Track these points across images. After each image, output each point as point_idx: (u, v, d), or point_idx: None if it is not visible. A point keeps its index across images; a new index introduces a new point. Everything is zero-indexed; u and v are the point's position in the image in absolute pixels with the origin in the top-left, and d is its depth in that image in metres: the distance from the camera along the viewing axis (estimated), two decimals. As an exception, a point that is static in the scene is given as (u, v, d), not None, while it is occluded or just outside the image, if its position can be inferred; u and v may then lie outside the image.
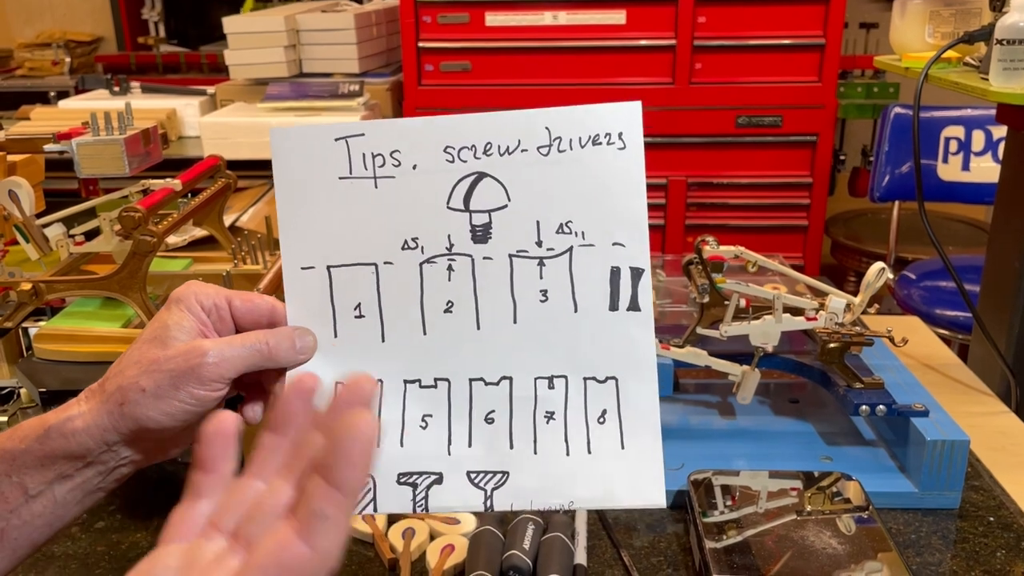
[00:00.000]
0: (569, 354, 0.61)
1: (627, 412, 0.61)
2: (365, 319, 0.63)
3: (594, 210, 0.61)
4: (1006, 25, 0.98)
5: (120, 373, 0.57)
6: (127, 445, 0.57)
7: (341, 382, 0.61)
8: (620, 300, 0.61)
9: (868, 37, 3.32)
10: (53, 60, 3.53)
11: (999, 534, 0.79)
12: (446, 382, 0.62)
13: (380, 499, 0.61)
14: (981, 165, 2.13)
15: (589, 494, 0.60)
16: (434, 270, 0.62)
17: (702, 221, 2.57)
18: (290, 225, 0.63)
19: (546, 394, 0.61)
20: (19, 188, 0.97)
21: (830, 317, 0.86)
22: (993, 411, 1.04)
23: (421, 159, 0.62)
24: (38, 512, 0.57)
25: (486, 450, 0.61)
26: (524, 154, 0.61)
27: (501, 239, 0.62)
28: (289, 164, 0.63)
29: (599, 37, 2.47)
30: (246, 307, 0.61)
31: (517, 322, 0.62)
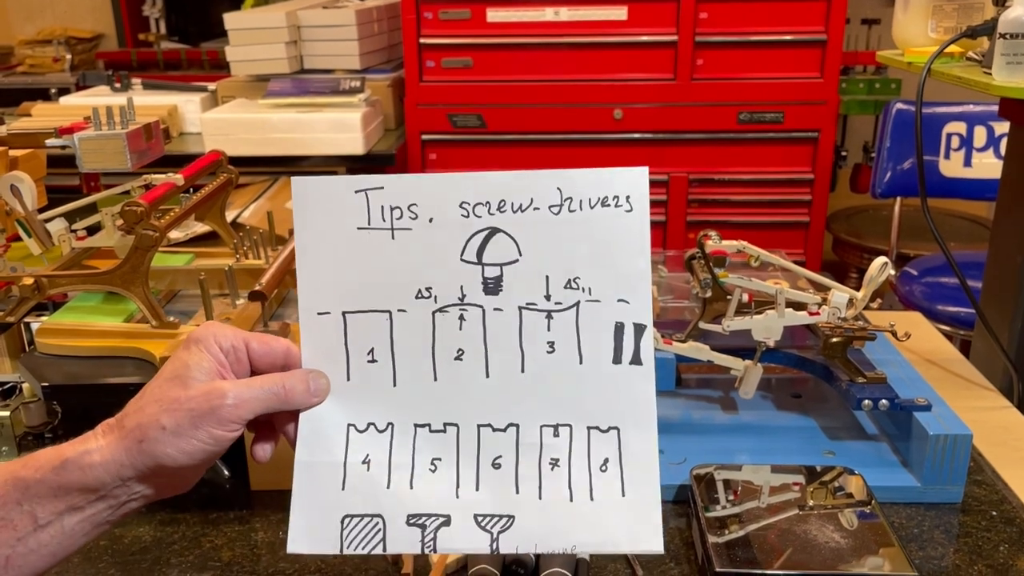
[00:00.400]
0: (574, 404, 0.64)
1: (628, 461, 0.63)
2: (378, 363, 0.65)
3: (600, 268, 0.64)
4: (1009, 19, 0.97)
5: (140, 410, 0.59)
6: (140, 481, 0.59)
7: (354, 425, 0.65)
8: (623, 354, 0.64)
9: (870, 33, 3.31)
10: (54, 57, 3.53)
11: (1001, 528, 0.79)
12: (455, 427, 0.65)
13: (390, 539, 0.63)
14: (983, 161, 2.13)
15: (591, 539, 0.62)
16: (446, 319, 0.65)
17: (703, 217, 2.57)
18: (308, 272, 0.65)
19: (551, 442, 0.64)
20: (21, 183, 0.97)
21: (833, 312, 0.86)
22: (995, 406, 1.04)
23: (437, 213, 0.65)
24: (45, 542, 0.58)
25: (493, 494, 0.63)
26: (536, 212, 0.64)
27: (511, 292, 0.65)
28: (310, 213, 0.65)
29: (600, 33, 2.47)
30: (263, 349, 0.63)
31: (525, 371, 0.64)
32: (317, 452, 0.64)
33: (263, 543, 0.78)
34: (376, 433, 0.65)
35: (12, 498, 0.57)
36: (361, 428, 0.65)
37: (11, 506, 0.57)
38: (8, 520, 0.57)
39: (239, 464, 0.86)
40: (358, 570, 0.75)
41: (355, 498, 0.64)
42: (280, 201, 2.00)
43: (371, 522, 0.63)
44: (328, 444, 0.64)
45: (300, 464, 0.64)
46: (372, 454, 0.64)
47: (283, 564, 0.75)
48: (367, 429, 0.65)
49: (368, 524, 0.63)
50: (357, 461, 0.64)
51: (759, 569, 0.68)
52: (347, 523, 0.63)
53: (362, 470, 0.64)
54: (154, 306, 0.93)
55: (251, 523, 0.81)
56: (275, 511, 0.82)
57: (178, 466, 0.59)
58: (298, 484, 0.64)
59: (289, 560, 0.76)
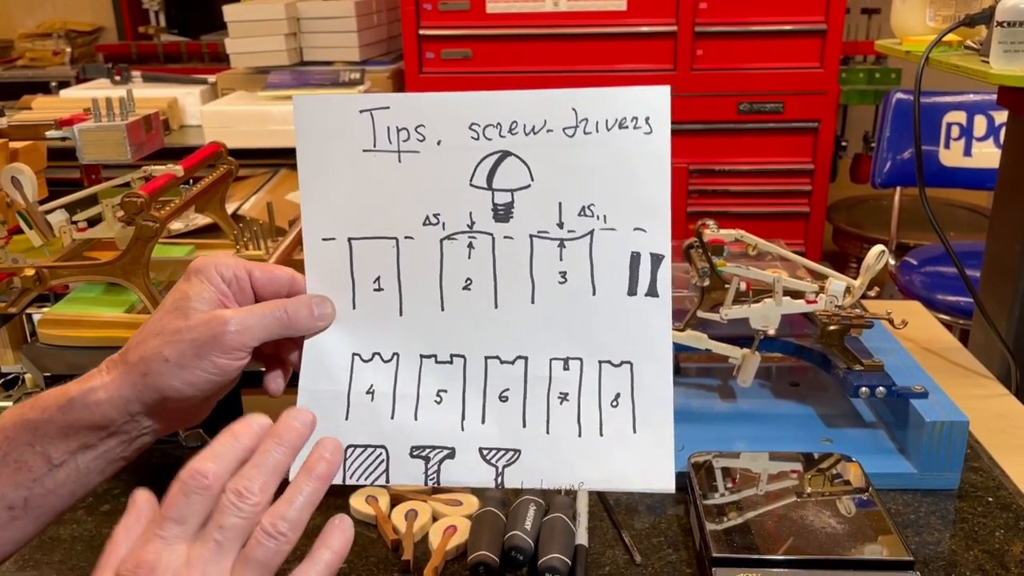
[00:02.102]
0: (585, 337, 0.62)
1: (641, 397, 0.61)
2: (384, 292, 0.63)
3: (617, 194, 0.61)
4: (1007, 7, 0.97)
5: (142, 343, 0.58)
6: (149, 415, 0.58)
7: (359, 354, 0.63)
8: (639, 285, 0.61)
9: (870, 23, 3.30)
10: (54, 50, 3.52)
11: (998, 514, 0.79)
12: (462, 359, 0.63)
13: (393, 470, 0.61)
14: (983, 150, 2.13)
15: (599, 476, 0.60)
16: (454, 247, 0.62)
17: (704, 208, 2.57)
18: (312, 196, 0.63)
19: (561, 375, 0.62)
20: (21, 175, 0.98)
21: (830, 300, 0.86)
22: (993, 394, 1.05)
23: (446, 135, 0.62)
24: (61, 481, 0.58)
25: (499, 428, 0.61)
26: (549, 135, 0.61)
27: (522, 219, 0.62)
28: (312, 134, 0.63)
29: (600, 24, 2.46)
30: (266, 277, 0.62)
31: (535, 302, 0.62)
32: (321, 381, 0.63)
33: (264, 531, 0.79)
34: (381, 363, 0.63)
35: (23, 440, 0.57)
36: (366, 358, 0.63)
37: (23, 448, 0.57)
38: (23, 462, 0.57)
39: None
40: (359, 556, 0.75)
41: (359, 428, 0.62)
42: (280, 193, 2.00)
43: (374, 453, 0.62)
44: (332, 373, 0.63)
45: (303, 392, 0.63)
46: (376, 384, 0.63)
47: (284, 552, 0.76)
48: (372, 359, 0.63)
49: (371, 455, 0.62)
50: (361, 391, 0.63)
51: (757, 555, 0.69)
52: (350, 453, 0.62)
53: (366, 400, 0.62)
54: (155, 297, 0.93)
55: (252, 511, 0.81)
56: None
57: (183, 397, 0.58)
58: None
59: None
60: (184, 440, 0.91)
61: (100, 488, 0.85)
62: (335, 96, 0.63)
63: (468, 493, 0.81)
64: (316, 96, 0.63)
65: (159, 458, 0.91)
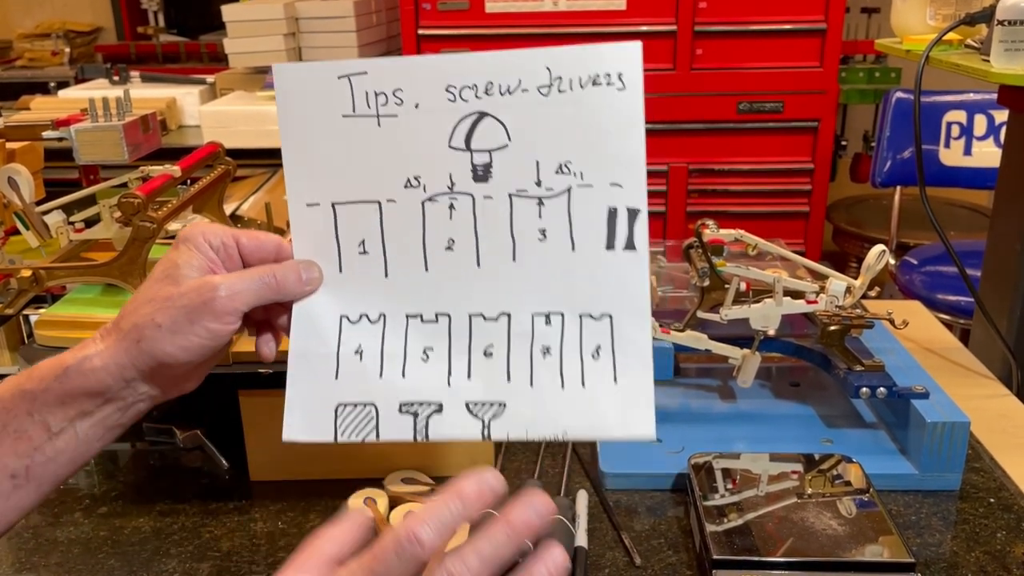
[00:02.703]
0: (566, 292, 0.63)
1: (620, 348, 0.62)
2: (369, 255, 0.64)
3: (593, 150, 0.62)
4: (1007, 6, 0.97)
5: (135, 311, 0.59)
6: (144, 381, 0.60)
7: (347, 316, 0.64)
8: (616, 240, 0.62)
9: (870, 22, 3.30)
10: (53, 50, 3.52)
11: (999, 515, 0.79)
12: (447, 317, 0.64)
13: (383, 427, 0.63)
14: (983, 150, 2.12)
15: (582, 425, 0.61)
16: (436, 208, 0.64)
17: (703, 208, 2.57)
18: (295, 162, 0.64)
19: (543, 330, 0.63)
20: (18, 175, 0.97)
21: (830, 300, 0.86)
22: (994, 394, 1.04)
23: (423, 98, 0.63)
24: (61, 448, 0.59)
25: (484, 382, 0.63)
26: (525, 94, 0.62)
27: (501, 178, 0.63)
28: (293, 101, 0.64)
29: (599, 23, 2.46)
30: (253, 244, 0.63)
31: (516, 260, 0.63)
32: (310, 343, 0.64)
33: (262, 533, 0.78)
34: (368, 324, 0.65)
35: (22, 410, 0.58)
36: (353, 319, 0.65)
37: (22, 417, 0.58)
38: (22, 431, 0.58)
39: (238, 455, 0.86)
40: (357, 559, 0.75)
41: (348, 387, 0.64)
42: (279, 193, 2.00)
43: (364, 410, 0.63)
44: (321, 335, 0.64)
45: (294, 355, 0.64)
46: (364, 344, 0.64)
47: (282, 554, 0.76)
48: (359, 320, 0.65)
49: (361, 412, 0.63)
50: (350, 351, 0.64)
51: (757, 557, 0.69)
52: (341, 412, 0.63)
53: (355, 360, 0.64)
54: (152, 298, 0.92)
55: (250, 513, 0.81)
56: (275, 501, 0.83)
57: (178, 363, 0.59)
58: (292, 375, 0.64)
59: (288, 550, 0.76)
60: (182, 443, 0.90)
61: (98, 491, 0.85)
62: (314, 63, 0.64)
63: (467, 495, 0.81)
64: (296, 64, 0.64)
65: (158, 460, 0.90)
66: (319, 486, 0.84)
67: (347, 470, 0.84)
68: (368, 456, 0.84)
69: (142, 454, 0.92)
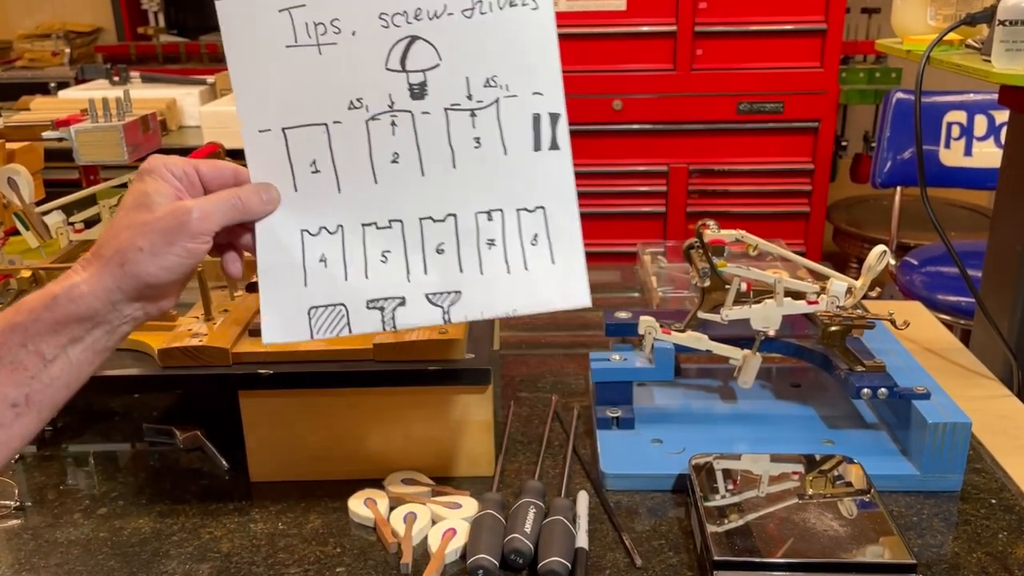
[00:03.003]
0: (503, 191, 0.70)
1: (555, 234, 0.70)
2: (321, 173, 0.71)
3: (514, 64, 0.69)
4: (1008, 6, 0.97)
5: (114, 238, 0.64)
6: (129, 302, 0.64)
7: (307, 230, 0.71)
8: (542, 141, 0.70)
9: (870, 22, 3.30)
10: (53, 51, 3.52)
11: (1001, 516, 0.79)
12: (399, 222, 0.71)
13: (353, 322, 0.70)
14: (983, 150, 2.12)
15: (529, 302, 0.70)
16: (379, 126, 0.70)
17: (703, 208, 2.57)
18: (245, 93, 0.70)
19: (486, 225, 0.71)
20: (18, 176, 0.97)
21: (831, 300, 0.86)
22: (995, 395, 1.04)
23: (359, 26, 0.69)
24: (56, 375, 0.63)
25: (440, 275, 0.71)
26: (450, 17, 0.69)
27: (436, 95, 0.70)
28: (238, 34, 0.69)
29: (600, 23, 2.46)
30: (212, 171, 0.68)
31: (456, 167, 0.70)
32: (277, 256, 0.70)
33: (262, 534, 0.78)
34: (328, 235, 0.71)
35: (15, 342, 0.62)
36: (314, 232, 0.71)
37: (16, 349, 0.62)
38: (18, 363, 0.62)
39: (238, 456, 0.86)
40: (358, 560, 0.75)
41: (317, 292, 0.70)
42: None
43: (335, 311, 0.70)
44: (285, 249, 0.70)
45: (262, 269, 0.70)
46: (327, 253, 0.71)
47: (282, 555, 0.75)
48: (319, 233, 0.71)
49: (333, 312, 0.70)
50: (315, 260, 0.71)
51: (758, 558, 0.68)
52: (313, 314, 0.70)
53: (320, 268, 0.71)
54: (152, 298, 0.92)
55: (250, 514, 0.81)
56: (274, 502, 0.82)
57: (161, 282, 0.64)
58: (264, 286, 0.70)
59: (288, 551, 0.76)
60: (182, 444, 0.90)
61: (98, 492, 0.85)
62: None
63: (467, 496, 0.81)
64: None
65: (158, 461, 0.90)
66: (319, 487, 0.84)
67: (347, 471, 0.84)
68: (368, 457, 0.84)
69: (142, 455, 0.91)
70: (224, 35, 0.69)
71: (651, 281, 1.24)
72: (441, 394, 0.83)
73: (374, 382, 0.82)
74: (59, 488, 0.86)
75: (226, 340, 0.83)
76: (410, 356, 0.82)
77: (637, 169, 2.58)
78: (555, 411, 0.97)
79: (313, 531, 0.79)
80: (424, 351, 0.82)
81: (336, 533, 0.78)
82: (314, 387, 0.82)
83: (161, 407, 0.99)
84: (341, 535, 0.78)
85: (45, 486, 0.86)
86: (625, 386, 0.91)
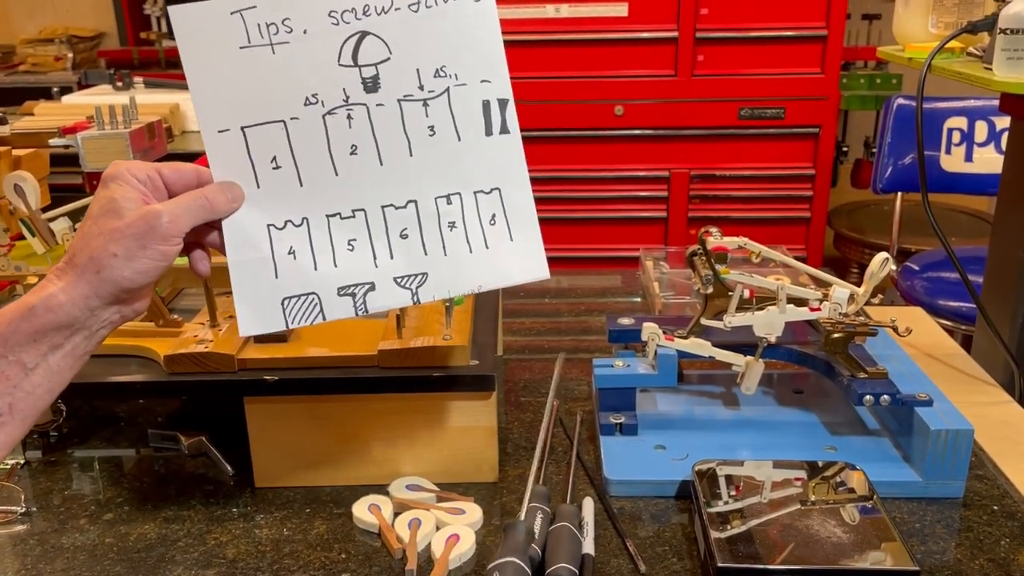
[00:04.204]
0: (459, 175, 0.74)
1: (511, 213, 0.74)
2: (282, 169, 0.73)
3: (462, 54, 0.73)
4: (1010, 14, 0.98)
5: (86, 246, 0.65)
6: (107, 307, 0.66)
7: (273, 224, 0.73)
8: (493, 126, 0.73)
9: (871, 28, 3.31)
10: (56, 55, 3.53)
11: (1003, 523, 0.79)
12: (362, 211, 0.73)
13: (327, 309, 0.73)
14: (984, 156, 2.13)
15: (491, 278, 0.74)
16: (336, 120, 0.72)
17: (705, 213, 2.57)
18: (202, 95, 0.72)
19: (446, 209, 0.74)
20: (24, 182, 0.98)
21: (834, 307, 0.86)
22: (997, 401, 1.05)
23: (310, 24, 0.71)
24: (38, 383, 0.65)
25: (406, 259, 0.74)
26: (398, 12, 0.72)
27: (389, 87, 0.72)
28: (192, 40, 0.71)
29: (601, 29, 2.47)
30: (175, 175, 0.70)
31: (413, 155, 0.73)
32: (246, 251, 0.72)
33: (267, 540, 0.79)
34: (294, 228, 0.73)
35: None
36: (279, 226, 0.73)
37: None
38: (1, 373, 0.63)
39: (243, 461, 0.86)
40: (363, 565, 0.75)
41: (289, 282, 0.73)
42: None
43: (308, 299, 0.73)
44: (254, 244, 0.72)
45: (233, 264, 0.72)
46: (295, 245, 0.73)
47: (287, 561, 0.76)
48: (285, 226, 0.73)
49: (306, 301, 0.73)
50: (284, 253, 0.73)
51: (761, 564, 0.69)
52: (287, 304, 0.73)
53: (289, 260, 0.73)
54: (158, 305, 0.93)
55: (255, 520, 0.81)
56: (279, 508, 0.83)
57: (136, 286, 0.66)
58: (236, 281, 0.73)
59: (293, 556, 0.76)
60: (187, 450, 0.90)
61: (103, 498, 0.85)
62: (207, 3, 0.71)
63: (472, 502, 0.81)
64: (190, 4, 0.71)
65: (163, 467, 0.91)
66: (324, 493, 0.84)
67: (352, 477, 0.85)
68: (373, 463, 0.85)
69: (147, 461, 0.92)
70: (178, 39, 0.71)
71: (653, 287, 1.25)
72: (445, 400, 0.83)
73: (379, 388, 0.82)
74: (64, 494, 0.86)
75: (232, 346, 0.84)
76: (414, 363, 0.83)
77: (638, 174, 2.58)
78: (558, 417, 0.97)
79: (318, 537, 0.79)
80: (428, 357, 0.83)
81: (341, 539, 0.79)
82: (319, 393, 0.82)
83: (166, 413, 0.99)
84: (346, 541, 0.78)
85: (50, 491, 0.87)
86: (628, 392, 0.92)
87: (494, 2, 0.73)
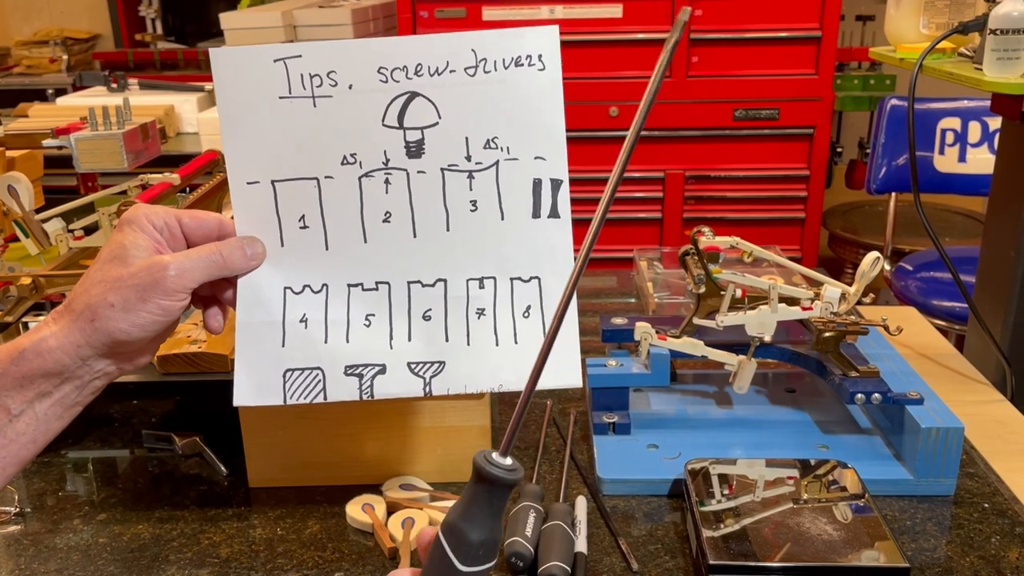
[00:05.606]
0: (497, 258, 0.68)
1: (549, 307, 0.68)
2: (309, 229, 0.68)
3: (517, 126, 0.67)
4: (999, 15, 0.98)
5: (85, 292, 0.62)
6: (100, 358, 0.62)
7: (290, 287, 0.68)
8: (542, 208, 0.68)
9: (864, 29, 3.32)
10: (51, 57, 3.52)
11: (993, 520, 0.80)
12: (387, 285, 0.68)
13: (330, 388, 0.68)
14: (977, 156, 2.14)
15: (516, 377, 0.67)
16: (372, 183, 0.68)
17: (700, 214, 2.58)
18: (235, 143, 0.68)
19: (477, 293, 0.68)
20: (18, 183, 0.98)
21: (826, 306, 0.87)
22: (989, 400, 1.05)
23: (356, 79, 0.67)
24: (22, 431, 0.61)
25: (424, 343, 0.68)
26: (452, 74, 0.67)
27: (433, 154, 0.67)
28: (231, 85, 0.67)
29: (596, 31, 2.47)
30: (195, 223, 0.66)
31: (450, 230, 0.68)
32: (256, 313, 0.68)
33: (261, 540, 0.79)
34: (312, 294, 0.68)
35: None
36: (297, 290, 0.68)
37: None
38: None
39: (237, 462, 0.86)
40: (356, 564, 0.75)
41: (295, 353, 0.68)
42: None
43: (311, 374, 0.68)
44: (266, 306, 0.68)
45: (241, 325, 0.68)
46: (309, 313, 0.68)
47: (281, 560, 0.76)
48: (303, 291, 0.68)
49: (308, 376, 0.68)
50: (295, 320, 0.68)
51: (753, 562, 0.69)
52: (289, 376, 0.68)
53: (300, 328, 0.68)
54: (151, 305, 0.93)
55: (249, 520, 0.81)
56: (273, 508, 0.83)
57: (132, 340, 0.61)
58: (240, 344, 0.67)
59: (287, 556, 0.76)
60: (181, 450, 0.91)
61: (97, 497, 0.85)
62: (251, 47, 0.67)
63: (465, 501, 0.81)
64: (233, 48, 0.67)
65: (157, 467, 0.91)
66: (317, 492, 0.85)
67: (345, 476, 0.85)
68: (366, 462, 0.85)
69: (141, 461, 0.92)
70: (216, 83, 0.67)
71: (647, 287, 1.25)
72: (439, 399, 0.83)
73: (372, 388, 0.82)
74: (58, 494, 0.86)
75: (225, 347, 0.84)
76: (408, 362, 0.83)
77: (633, 175, 2.59)
78: (551, 416, 0.97)
79: (311, 536, 0.79)
80: (422, 357, 0.83)
81: (334, 538, 0.79)
82: (313, 393, 0.82)
83: (160, 413, 1.00)
84: (339, 540, 0.78)
85: (44, 492, 0.87)
86: (621, 392, 0.92)
87: (560, 73, 0.67)
